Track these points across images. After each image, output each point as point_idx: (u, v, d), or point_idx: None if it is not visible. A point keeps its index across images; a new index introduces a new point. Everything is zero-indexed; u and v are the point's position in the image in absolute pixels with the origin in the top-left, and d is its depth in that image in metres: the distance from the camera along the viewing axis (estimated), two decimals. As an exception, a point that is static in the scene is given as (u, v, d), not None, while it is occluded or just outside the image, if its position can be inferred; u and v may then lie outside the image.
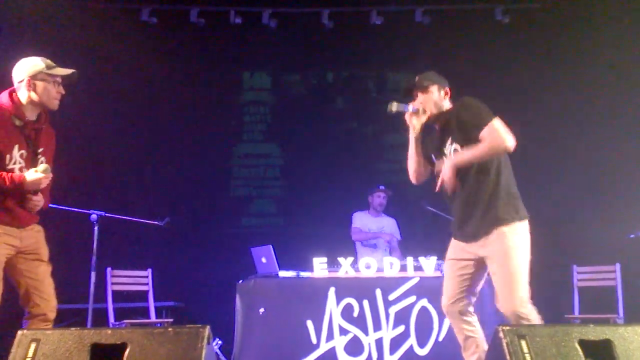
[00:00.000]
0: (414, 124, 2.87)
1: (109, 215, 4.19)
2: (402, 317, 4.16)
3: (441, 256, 4.52)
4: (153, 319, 4.82)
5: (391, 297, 4.21)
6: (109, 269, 4.69)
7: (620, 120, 5.61)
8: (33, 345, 1.95)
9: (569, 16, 5.99)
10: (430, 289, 4.06)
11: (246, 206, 6.92)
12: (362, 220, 5.37)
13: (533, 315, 2.54)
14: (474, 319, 2.82)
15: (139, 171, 6.31)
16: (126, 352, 1.95)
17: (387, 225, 5.40)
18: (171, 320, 4.92)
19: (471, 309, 2.83)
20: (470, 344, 2.76)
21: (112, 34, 6.01)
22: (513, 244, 2.63)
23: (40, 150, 2.81)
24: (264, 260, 4.51)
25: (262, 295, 4.18)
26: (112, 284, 4.69)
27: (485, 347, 2.63)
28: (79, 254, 4.50)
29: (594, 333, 2.03)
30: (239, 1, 6.47)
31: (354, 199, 5.62)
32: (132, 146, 6.31)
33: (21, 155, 2.72)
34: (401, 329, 4.15)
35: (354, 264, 4.38)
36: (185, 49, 6.47)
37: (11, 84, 2.84)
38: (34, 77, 2.75)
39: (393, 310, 4.19)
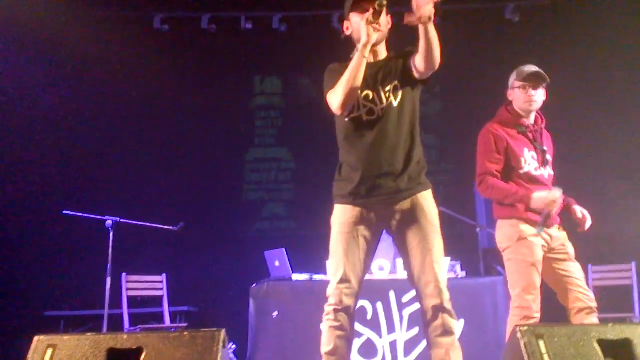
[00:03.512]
0: (371, 34, 2.32)
1: (124, 221, 4.23)
2: (416, 319, 4.14)
3: (455, 257, 4.53)
4: (168, 324, 4.85)
5: (405, 299, 4.20)
6: (124, 274, 4.73)
7: (634, 118, 5.56)
8: (49, 352, 1.96)
9: (579, 14, 5.95)
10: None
11: (259, 210, 6.94)
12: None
13: None
14: None
15: (153, 177, 6.37)
16: (142, 357, 1.95)
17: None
18: (185, 325, 4.95)
19: None
20: None
21: (125, 42, 6.08)
22: None
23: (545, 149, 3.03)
24: (277, 263, 4.53)
25: (276, 299, 4.19)
26: (128, 289, 4.73)
27: None
28: (94, 259, 4.55)
29: (613, 332, 2.00)
30: (250, 7, 6.52)
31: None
32: (145, 152, 6.38)
33: (532, 157, 2.96)
34: (415, 331, 4.14)
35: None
36: (197, 55, 6.54)
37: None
38: (511, 87, 3.09)
39: (407, 312, 4.18)
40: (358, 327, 4.09)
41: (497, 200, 2.99)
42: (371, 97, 2.43)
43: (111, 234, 4.14)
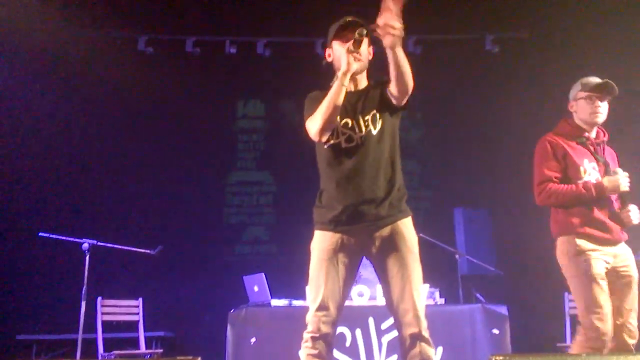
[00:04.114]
0: (351, 63, 2.32)
1: (101, 244, 4.17)
2: (395, 346, 4.12)
3: (434, 284, 4.53)
4: (143, 349, 4.75)
5: (384, 325, 4.18)
6: (99, 298, 4.64)
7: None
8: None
9: (558, 46, 6.11)
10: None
11: (239, 234, 6.89)
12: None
13: None
14: None
15: (131, 199, 6.30)
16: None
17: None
18: (161, 351, 4.85)
19: None
20: None
21: (109, 63, 6.08)
22: None
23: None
24: (256, 288, 4.49)
25: (254, 325, 4.15)
26: (103, 313, 4.64)
27: None
28: (70, 282, 4.47)
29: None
30: (234, 31, 6.57)
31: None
32: (125, 174, 6.32)
33: (592, 167, 2.85)
34: (394, 358, 4.12)
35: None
36: (180, 77, 6.53)
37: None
38: (573, 99, 3.00)
39: (386, 339, 4.16)
40: (337, 354, 4.06)
41: (561, 205, 2.83)
42: (350, 124, 2.45)
43: (87, 257, 4.07)
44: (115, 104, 6.34)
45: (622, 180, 2.76)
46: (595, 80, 2.89)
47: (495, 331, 4.20)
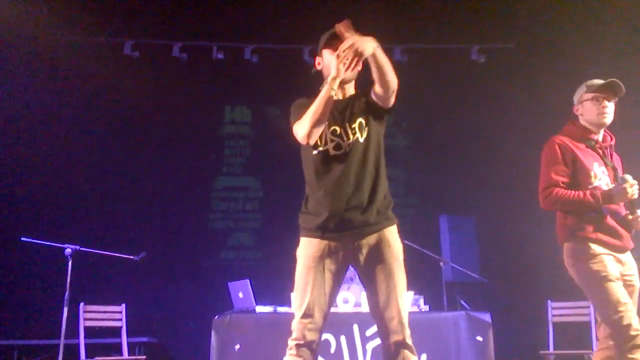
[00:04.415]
0: (340, 69, 2.30)
1: (84, 249, 4.13)
2: (379, 353, 4.11)
3: (418, 291, 4.56)
4: (125, 355, 4.70)
5: (368, 332, 4.19)
6: (81, 304, 4.59)
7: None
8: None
9: (543, 57, 6.20)
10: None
11: (224, 239, 6.87)
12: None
13: None
14: None
15: (116, 204, 6.26)
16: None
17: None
18: (144, 357, 4.80)
19: None
20: None
21: (95, 67, 6.05)
22: None
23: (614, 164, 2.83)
24: (240, 295, 4.47)
25: (239, 332, 4.13)
26: (85, 319, 4.58)
27: None
28: (52, 288, 4.42)
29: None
30: (222, 37, 6.58)
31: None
32: (110, 179, 6.28)
33: (602, 172, 2.75)
34: (378, 365, 4.12)
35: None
36: (167, 82, 6.52)
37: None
38: (578, 101, 2.92)
39: (370, 346, 4.16)
40: (321, 361, 4.05)
41: (566, 212, 2.77)
42: (338, 132, 2.47)
43: (70, 262, 4.02)
44: (101, 109, 6.32)
45: (632, 188, 2.66)
46: (599, 81, 2.83)
47: (479, 338, 4.23)
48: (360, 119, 2.47)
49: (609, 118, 2.80)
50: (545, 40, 6.19)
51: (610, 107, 2.79)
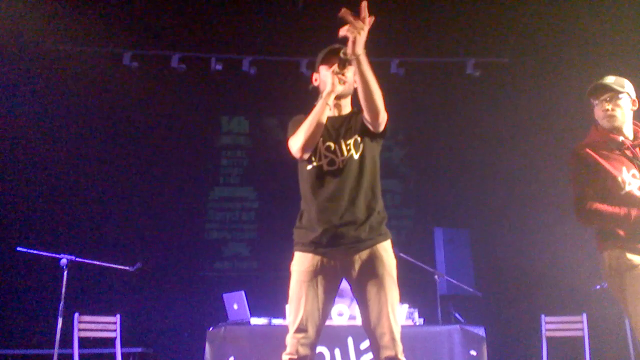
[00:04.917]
0: (336, 84, 2.40)
1: (79, 259, 4.13)
2: (373, 367, 4.14)
3: (413, 304, 4.57)
4: (120, 366, 4.70)
5: (363, 345, 4.19)
6: (76, 314, 4.59)
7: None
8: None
9: (537, 71, 6.27)
10: (401, 337, 4.05)
11: (220, 250, 6.87)
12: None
13: None
14: None
15: (112, 214, 6.26)
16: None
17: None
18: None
19: None
20: None
21: (94, 77, 6.08)
22: None
23: None
24: (235, 306, 4.47)
25: (233, 343, 4.13)
26: (79, 329, 4.58)
27: None
28: (47, 298, 4.41)
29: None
30: (221, 49, 6.63)
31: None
32: (106, 188, 6.29)
33: (632, 175, 2.58)
34: (372, 378, 4.12)
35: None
36: (165, 92, 6.56)
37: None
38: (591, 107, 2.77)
39: (364, 359, 4.16)
40: (315, 373, 4.05)
41: (601, 227, 2.63)
42: (333, 148, 2.49)
43: (65, 273, 4.03)
44: (99, 118, 6.34)
45: None
46: (592, 83, 2.74)
47: (473, 352, 4.23)
48: (356, 136, 2.50)
49: (614, 120, 2.65)
50: (539, 56, 6.26)
51: (613, 108, 2.65)
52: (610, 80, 2.70)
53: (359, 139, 2.50)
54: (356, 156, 2.48)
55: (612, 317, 4.73)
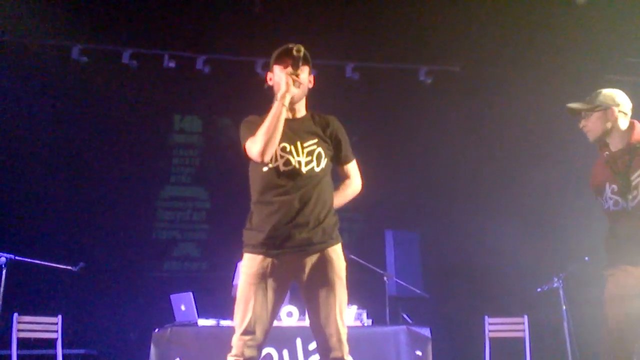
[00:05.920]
0: (290, 84, 2.41)
1: (19, 258, 3.99)
2: (321, 368, 4.15)
3: (362, 305, 4.62)
4: (60, 368, 4.55)
5: (311, 346, 4.19)
6: (15, 314, 4.42)
7: (535, 179, 5.98)
8: None
9: (488, 80, 6.46)
10: (349, 338, 4.09)
11: (169, 250, 6.76)
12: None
13: None
14: None
15: (54, 211, 6.05)
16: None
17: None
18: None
19: None
20: None
21: (41, 71, 5.88)
22: None
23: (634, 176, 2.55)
24: (183, 307, 4.41)
25: (179, 345, 4.06)
26: (18, 330, 4.42)
27: None
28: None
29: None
30: (175, 46, 6.52)
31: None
32: (50, 184, 6.07)
33: (612, 191, 2.56)
34: (320, 379, 4.13)
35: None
36: (116, 89, 6.39)
37: None
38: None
39: (313, 360, 4.18)
40: (263, 375, 4.04)
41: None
42: (288, 149, 2.49)
43: (4, 272, 3.88)
44: (46, 112, 6.12)
45: None
46: None
47: (418, 353, 4.31)
48: (310, 140, 2.51)
49: (589, 135, 2.68)
50: (490, 64, 6.45)
51: (584, 124, 2.68)
52: (576, 104, 2.70)
53: (314, 143, 2.52)
54: (311, 157, 2.49)
55: (552, 319, 4.91)
